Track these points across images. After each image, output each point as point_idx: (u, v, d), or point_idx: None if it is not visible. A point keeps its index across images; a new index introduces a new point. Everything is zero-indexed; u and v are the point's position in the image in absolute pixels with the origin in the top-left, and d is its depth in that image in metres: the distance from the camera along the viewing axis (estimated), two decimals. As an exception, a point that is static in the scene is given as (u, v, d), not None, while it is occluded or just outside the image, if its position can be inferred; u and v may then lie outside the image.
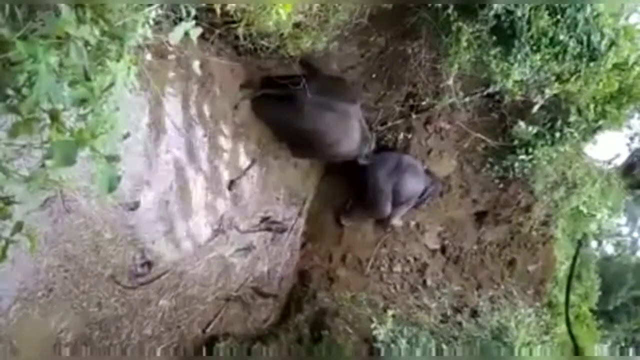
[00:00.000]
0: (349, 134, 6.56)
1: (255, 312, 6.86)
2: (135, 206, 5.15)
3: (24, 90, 2.26)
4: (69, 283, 4.84)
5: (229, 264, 6.46)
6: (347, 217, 7.56)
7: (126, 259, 5.26)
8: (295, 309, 7.00)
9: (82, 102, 2.42)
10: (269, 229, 6.94)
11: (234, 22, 4.92)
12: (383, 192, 7.19)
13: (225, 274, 6.41)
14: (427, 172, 7.47)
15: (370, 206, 7.38)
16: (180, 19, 2.99)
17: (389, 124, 7.29)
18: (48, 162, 2.28)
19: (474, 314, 7.12)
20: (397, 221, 7.58)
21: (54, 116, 2.31)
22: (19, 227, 2.57)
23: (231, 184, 6.25)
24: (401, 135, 7.35)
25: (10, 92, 2.32)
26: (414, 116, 7.19)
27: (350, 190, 7.49)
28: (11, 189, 2.58)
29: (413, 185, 7.27)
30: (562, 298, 8.37)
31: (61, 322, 4.84)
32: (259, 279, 6.90)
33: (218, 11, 4.59)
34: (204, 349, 6.07)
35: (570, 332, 7.57)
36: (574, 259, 8.37)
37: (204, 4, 4.42)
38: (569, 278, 8.16)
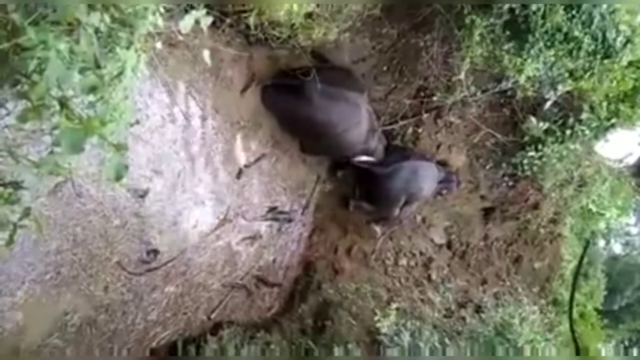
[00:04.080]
0: (358, 123, 6.54)
1: (260, 300, 6.91)
2: (144, 194, 5.19)
3: (34, 77, 2.27)
4: (77, 266, 4.91)
5: (235, 252, 6.50)
6: (355, 205, 7.57)
7: (133, 246, 5.31)
8: (299, 299, 7.03)
9: (92, 89, 2.43)
10: (275, 219, 6.96)
11: (245, 11, 4.91)
12: (396, 201, 7.24)
13: (231, 262, 6.46)
14: (442, 164, 7.45)
15: (379, 209, 7.43)
16: (191, 7, 2.98)
17: (399, 117, 7.25)
18: (57, 149, 2.29)
19: (478, 309, 7.11)
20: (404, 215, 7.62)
21: (64, 103, 2.33)
22: (26, 212, 2.60)
23: (239, 173, 6.27)
24: (410, 129, 7.31)
25: (20, 77, 2.34)
26: (424, 113, 7.15)
27: (357, 184, 7.48)
28: (20, 174, 2.60)
29: (428, 189, 7.30)
30: (567, 296, 8.33)
31: (68, 304, 4.92)
32: (265, 268, 6.93)
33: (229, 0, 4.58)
34: (209, 336, 6.12)
35: (572, 330, 7.56)
36: (581, 258, 8.32)
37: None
38: (575, 277, 8.12)
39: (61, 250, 4.72)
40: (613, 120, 7.05)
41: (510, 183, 7.66)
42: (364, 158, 6.91)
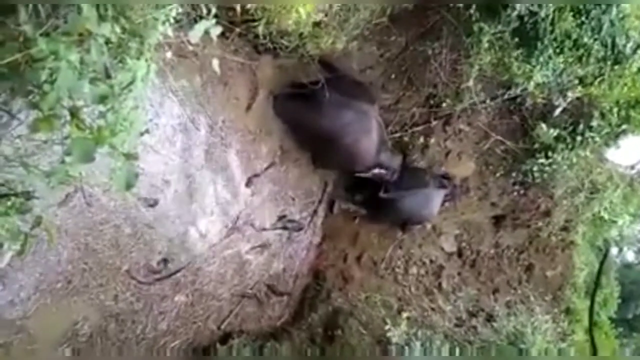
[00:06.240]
0: (368, 133, 6.54)
1: (270, 309, 6.89)
2: (154, 203, 5.20)
3: (46, 87, 2.29)
4: (88, 276, 4.91)
5: (245, 261, 6.49)
6: (341, 207, 7.63)
7: (143, 255, 5.31)
8: (309, 308, 7.01)
9: (103, 99, 2.45)
10: (285, 228, 6.95)
11: (253, 20, 4.94)
12: (399, 218, 7.50)
13: (240, 271, 6.45)
14: (445, 176, 7.45)
15: (378, 220, 7.61)
16: (201, 17, 3.00)
17: (408, 125, 7.24)
18: (67, 159, 2.31)
19: (490, 318, 7.04)
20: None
21: (74, 113, 2.34)
22: (38, 221, 2.62)
23: (249, 181, 6.28)
24: (419, 137, 7.29)
25: (32, 88, 2.36)
26: (433, 121, 7.14)
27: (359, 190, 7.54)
28: (32, 183, 2.62)
29: (435, 208, 7.41)
30: (580, 304, 8.23)
31: (78, 313, 4.92)
32: (274, 276, 6.92)
33: (238, 10, 4.61)
34: (218, 345, 6.10)
35: (592, 339, 7.45)
36: (601, 265, 8.22)
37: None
38: (595, 284, 8.02)
39: (72, 259, 4.73)
40: (624, 127, 6.99)
41: (521, 190, 7.59)
42: (377, 170, 6.94)
